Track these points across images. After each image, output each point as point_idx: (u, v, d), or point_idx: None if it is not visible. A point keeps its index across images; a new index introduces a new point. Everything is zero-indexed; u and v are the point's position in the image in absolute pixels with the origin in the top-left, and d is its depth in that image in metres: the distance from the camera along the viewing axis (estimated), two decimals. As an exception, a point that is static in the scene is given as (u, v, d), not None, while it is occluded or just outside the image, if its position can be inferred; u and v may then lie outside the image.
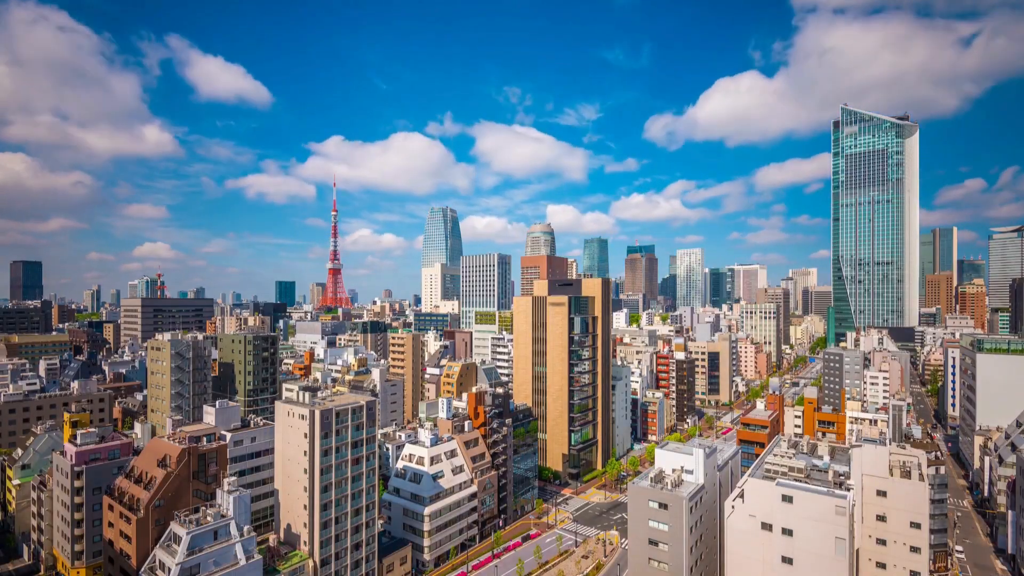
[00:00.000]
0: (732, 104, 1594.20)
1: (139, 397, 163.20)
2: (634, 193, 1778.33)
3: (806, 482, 66.60)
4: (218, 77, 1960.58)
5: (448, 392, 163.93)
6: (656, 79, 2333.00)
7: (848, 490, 64.63)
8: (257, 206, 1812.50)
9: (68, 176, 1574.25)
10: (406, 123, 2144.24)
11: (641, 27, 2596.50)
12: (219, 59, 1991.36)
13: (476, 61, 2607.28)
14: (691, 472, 73.52)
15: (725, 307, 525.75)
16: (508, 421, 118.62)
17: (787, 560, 61.87)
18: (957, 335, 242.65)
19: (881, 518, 68.52)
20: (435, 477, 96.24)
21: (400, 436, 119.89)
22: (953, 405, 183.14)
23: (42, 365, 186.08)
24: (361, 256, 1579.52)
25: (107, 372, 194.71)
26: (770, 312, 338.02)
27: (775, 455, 73.57)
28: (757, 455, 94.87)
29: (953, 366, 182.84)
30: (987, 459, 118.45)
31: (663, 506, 68.56)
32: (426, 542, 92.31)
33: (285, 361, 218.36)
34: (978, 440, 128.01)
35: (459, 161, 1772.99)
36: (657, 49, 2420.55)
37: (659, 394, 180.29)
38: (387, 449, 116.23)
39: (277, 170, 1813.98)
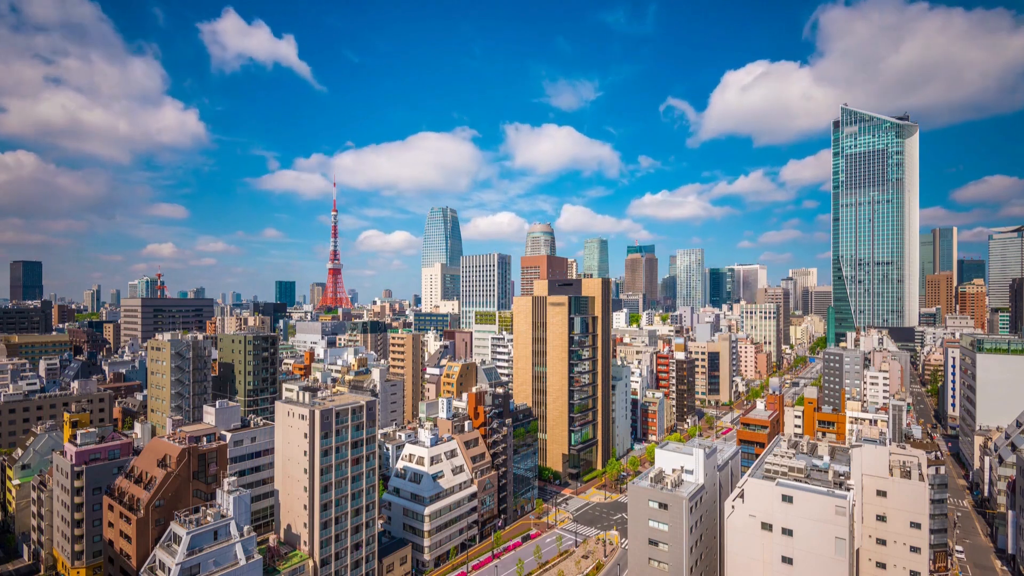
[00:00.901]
0: (760, 94, 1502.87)
1: (139, 397, 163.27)
2: (659, 191, 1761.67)
3: (806, 482, 66.56)
4: (241, 44, 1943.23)
5: (448, 392, 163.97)
6: (676, 70, 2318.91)
7: (848, 490, 64.62)
8: (264, 205, 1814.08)
9: (78, 174, 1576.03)
10: (403, 121, 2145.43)
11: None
12: (238, 20, 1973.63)
13: (480, 48, 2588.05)
14: (691, 472, 73.55)
15: (725, 307, 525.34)
16: (508, 421, 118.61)
17: (787, 560, 61.92)
18: (957, 335, 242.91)
19: (881, 518, 68.56)
20: (435, 477, 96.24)
21: (400, 436, 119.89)
22: (953, 405, 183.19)
23: (42, 365, 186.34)
24: (370, 255, 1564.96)
25: (107, 372, 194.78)
26: (770, 312, 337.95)
27: (775, 455, 73.52)
28: (757, 455, 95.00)
29: (953, 366, 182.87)
30: (987, 459, 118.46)
31: (663, 506, 68.58)
32: (426, 542, 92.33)
33: (285, 361, 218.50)
34: (978, 440, 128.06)
35: (468, 158, 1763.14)
36: (671, 33, 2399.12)
37: (659, 394, 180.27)
38: (387, 449, 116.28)
39: (286, 168, 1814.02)
